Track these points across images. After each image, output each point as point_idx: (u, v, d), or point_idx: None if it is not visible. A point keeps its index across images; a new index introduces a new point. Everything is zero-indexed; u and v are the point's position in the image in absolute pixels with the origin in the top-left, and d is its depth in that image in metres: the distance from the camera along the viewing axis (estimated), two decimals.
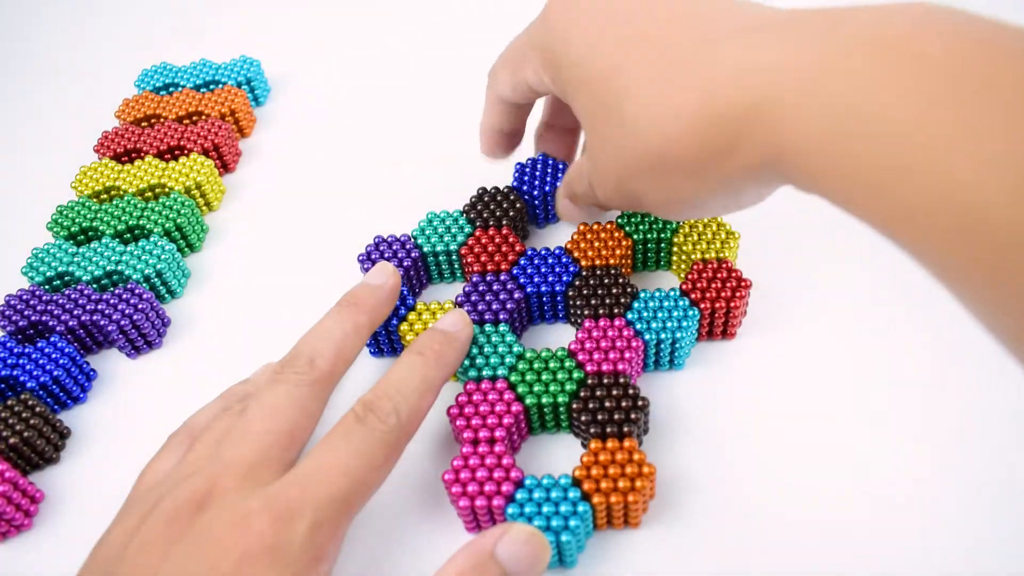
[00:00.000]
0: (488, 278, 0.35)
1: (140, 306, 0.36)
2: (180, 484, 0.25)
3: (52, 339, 0.35)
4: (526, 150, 0.41)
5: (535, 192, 0.38)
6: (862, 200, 0.20)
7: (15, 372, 0.34)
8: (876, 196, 0.19)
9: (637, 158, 0.26)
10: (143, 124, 0.48)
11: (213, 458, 0.26)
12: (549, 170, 0.39)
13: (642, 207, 0.29)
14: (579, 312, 0.33)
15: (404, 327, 0.33)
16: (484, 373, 0.31)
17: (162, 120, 0.47)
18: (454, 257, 0.37)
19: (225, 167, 0.46)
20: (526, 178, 0.39)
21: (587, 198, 0.32)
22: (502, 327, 0.33)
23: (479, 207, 0.37)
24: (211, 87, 0.50)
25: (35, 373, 0.34)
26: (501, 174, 0.40)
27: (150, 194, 0.43)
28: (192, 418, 0.31)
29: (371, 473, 0.26)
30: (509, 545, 0.24)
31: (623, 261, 0.35)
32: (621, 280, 0.33)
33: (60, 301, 0.37)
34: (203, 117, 0.47)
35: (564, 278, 0.34)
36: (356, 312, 0.31)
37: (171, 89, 0.50)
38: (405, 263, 0.36)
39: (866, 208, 0.20)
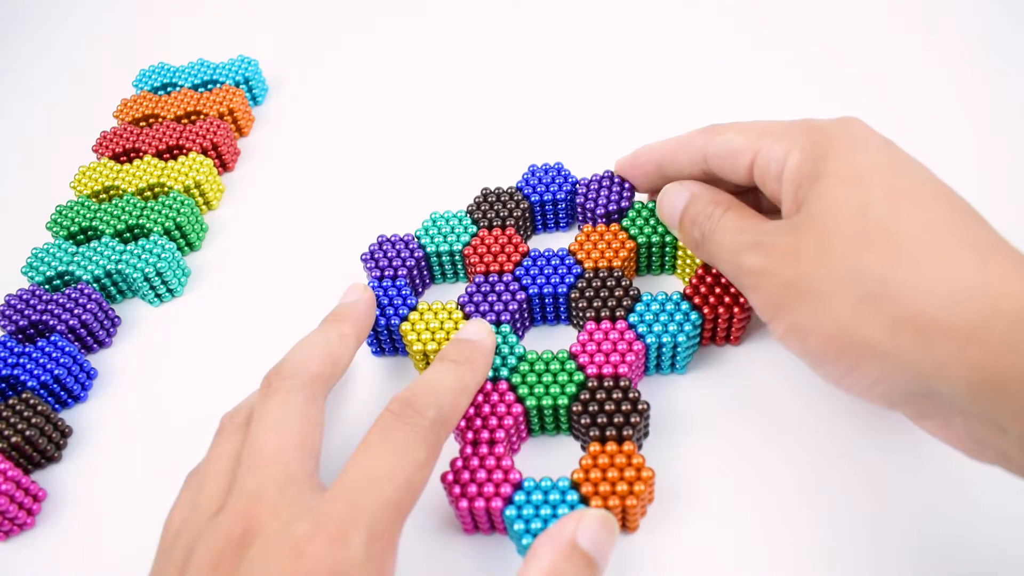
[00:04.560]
0: (491, 279, 0.35)
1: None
2: (210, 526, 0.24)
3: (52, 338, 0.35)
4: (536, 154, 0.41)
5: (545, 199, 0.38)
6: None
7: (16, 371, 0.34)
8: None
9: (893, 297, 0.23)
10: (141, 124, 0.47)
11: (236, 492, 0.24)
12: (558, 178, 0.38)
13: (793, 317, 0.25)
14: (581, 314, 0.33)
15: (405, 326, 0.33)
16: None
17: (160, 120, 0.47)
18: (457, 257, 0.37)
19: (224, 166, 0.46)
20: (533, 183, 0.38)
21: (704, 227, 0.30)
22: (504, 328, 0.33)
23: (483, 208, 0.38)
24: (209, 87, 0.49)
25: (36, 372, 0.34)
26: (505, 175, 0.40)
27: (149, 193, 0.43)
28: (202, 461, 0.28)
29: (417, 472, 0.25)
30: (589, 531, 0.24)
31: (626, 264, 0.35)
32: (624, 283, 0.34)
33: (60, 300, 0.37)
34: (201, 117, 0.47)
35: (567, 280, 0.34)
36: (338, 323, 0.31)
37: (169, 89, 0.50)
38: (408, 263, 0.36)
39: None
